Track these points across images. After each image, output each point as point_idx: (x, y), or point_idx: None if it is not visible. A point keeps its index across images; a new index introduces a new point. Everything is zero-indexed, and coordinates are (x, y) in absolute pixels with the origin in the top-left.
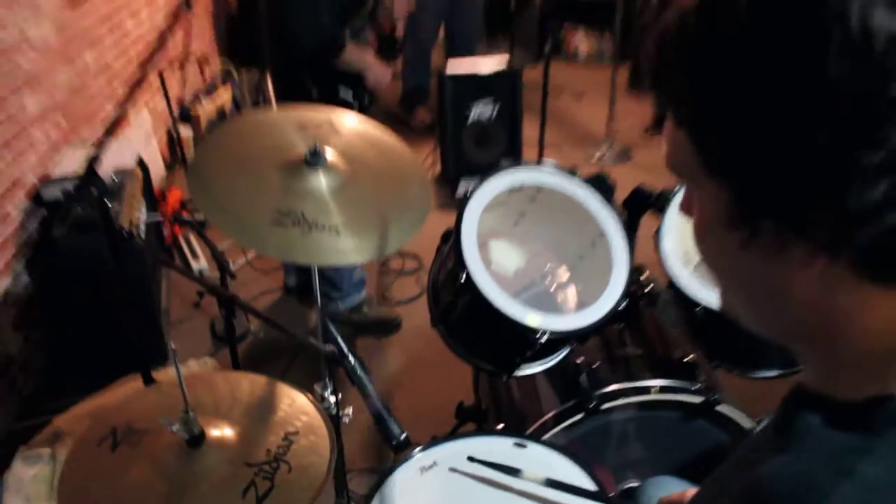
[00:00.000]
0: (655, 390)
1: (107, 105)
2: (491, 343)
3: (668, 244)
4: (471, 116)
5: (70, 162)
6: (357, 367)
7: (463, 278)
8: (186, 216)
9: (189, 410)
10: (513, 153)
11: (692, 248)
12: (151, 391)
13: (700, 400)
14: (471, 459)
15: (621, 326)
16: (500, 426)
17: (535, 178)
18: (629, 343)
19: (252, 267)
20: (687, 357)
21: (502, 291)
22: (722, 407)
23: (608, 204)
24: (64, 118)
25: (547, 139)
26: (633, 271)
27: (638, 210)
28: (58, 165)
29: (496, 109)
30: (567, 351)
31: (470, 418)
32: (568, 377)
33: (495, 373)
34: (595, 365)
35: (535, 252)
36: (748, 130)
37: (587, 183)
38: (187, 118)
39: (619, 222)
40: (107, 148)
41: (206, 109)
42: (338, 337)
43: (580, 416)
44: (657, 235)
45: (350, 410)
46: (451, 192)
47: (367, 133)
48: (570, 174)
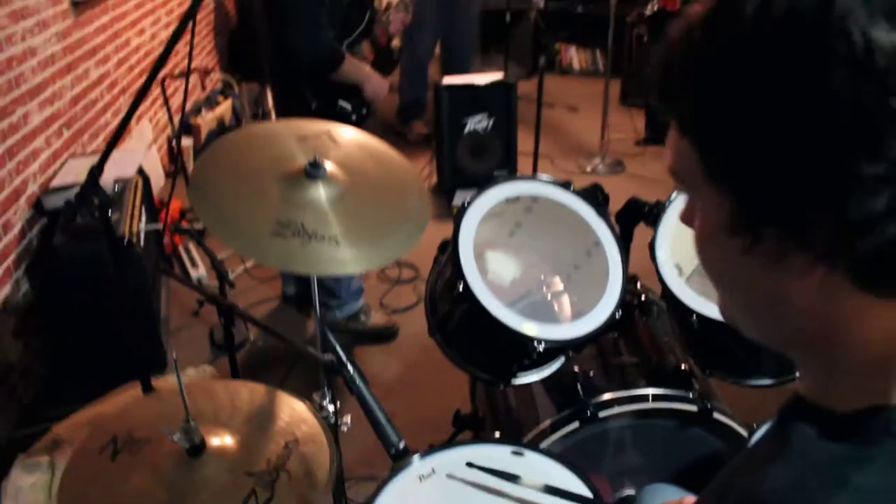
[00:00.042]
0: (651, 399)
1: (108, 115)
2: (488, 352)
3: (663, 254)
4: (467, 128)
5: (71, 171)
6: (356, 377)
7: (460, 288)
8: (186, 225)
9: (190, 419)
10: (508, 164)
11: (685, 259)
12: (151, 399)
13: (696, 408)
14: (470, 465)
15: (616, 335)
16: (498, 434)
17: (531, 189)
18: (624, 352)
19: (250, 275)
20: (682, 365)
21: (499, 301)
22: (717, 415)
23: (603, 214)
24: (66, 128)
25: (541, 150)
26: (628, 281)
27: (632, 221)
28: (59, 174)
29: (492, 121)
30: (563, 360)
31: (467, 426)
32: (564, 386)
33: (492, 381)
34: (591, 373)
35: (531, 262)
36: (752, 140)
37: (582, 194)
38: (187, 129)
39: (614, 233)
40: (109, 158)
41: (206, 120)
42: (337, 346)
43: (576, 425)
44: (652, 246)
45: (348, 419)
46: (447, 203)
47: (366, 144)
48: (566, 185)
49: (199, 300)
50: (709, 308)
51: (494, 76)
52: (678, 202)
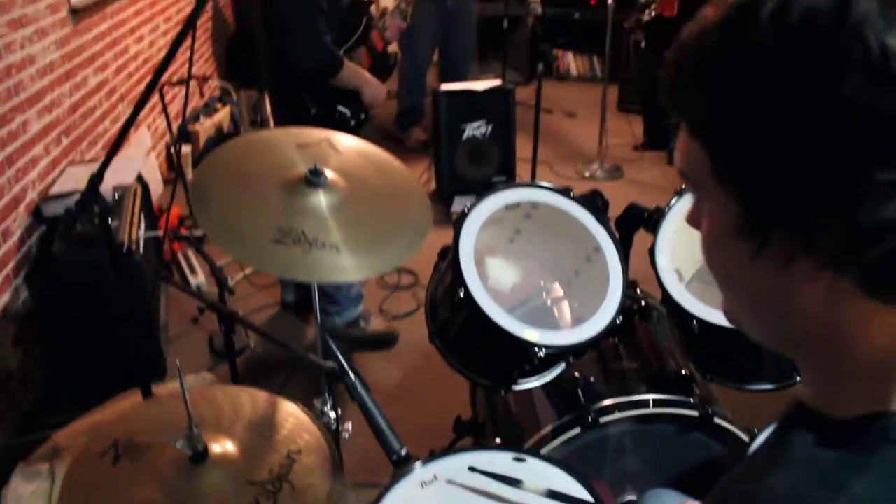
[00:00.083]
0: (652, 404)
1: (107, 122)
2: (489, 358)
3: (663, 260)
4: (465, 134)
5: (70, 178)
6: (358, 384)
7: (461, 294)
8: (185, 232)
9: (193, 426)
10: (506, 170)
11: (685, 265)
12: (152, 405)
13: (696, 413)
14: (472, 470)
15: (616, 341)
16: (499, 440)
17: (531, 196)
18: (625, 357)
19: (249, 282)
20: (682, 370)
21: (500, 307)
22: (718, 420)
23: (602, 220)
24: (65, 135)
25: (539, 156)
26: (628, 286)
27: (631, 227)
28: (58, 182)
29: (490, 127)
30: (564, 366)
31: (468, 432)
32: (565, 391)
33: (493, 387)
34: (591, 379)
35: (531, 268)
36: (763, 143)
37: (582, 200)
38: (186, 136)
39: (614, 238)
40: (108, 165)
41: (205, 127)
42: (338, 353)
43: (577, 431)
44: (652, 251)
45: (349, 425)
46: (446, 209)
47: (366, 151)
48: (565, 192)
49: (199, 307)
50: (709, 313)
51: (492, 82)
52: (677, 208)
